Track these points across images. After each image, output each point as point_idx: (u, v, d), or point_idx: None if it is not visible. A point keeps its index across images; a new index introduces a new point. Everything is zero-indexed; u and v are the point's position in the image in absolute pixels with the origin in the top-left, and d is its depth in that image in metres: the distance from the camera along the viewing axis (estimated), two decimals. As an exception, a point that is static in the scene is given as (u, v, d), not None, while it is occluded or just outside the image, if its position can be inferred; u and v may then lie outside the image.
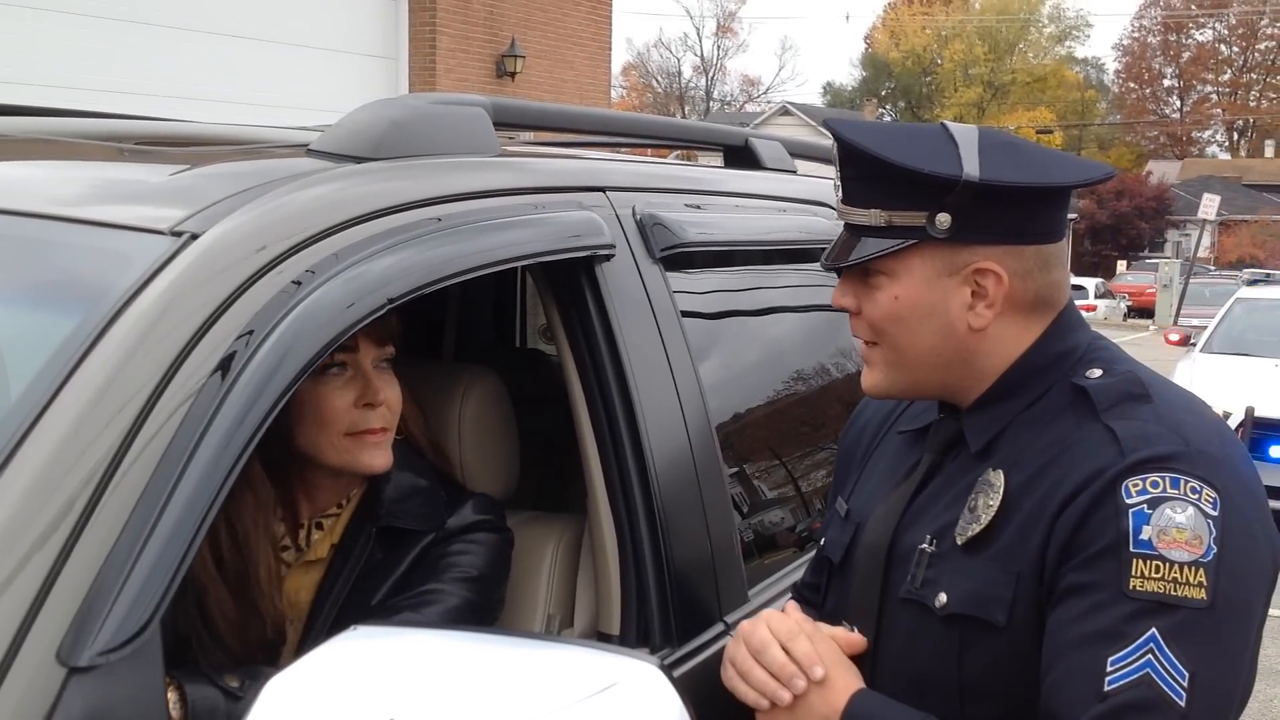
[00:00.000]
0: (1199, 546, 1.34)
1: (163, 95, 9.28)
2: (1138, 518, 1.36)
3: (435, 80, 12.32)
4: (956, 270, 1.51)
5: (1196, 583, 1.33)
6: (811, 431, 2.75)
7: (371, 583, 1.89)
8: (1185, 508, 1.35)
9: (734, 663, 1.60)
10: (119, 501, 1.22)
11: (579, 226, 1.92)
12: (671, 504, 1.93)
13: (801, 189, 2.81)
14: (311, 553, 1.94)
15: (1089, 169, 1.57)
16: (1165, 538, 1.34)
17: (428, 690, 1.23)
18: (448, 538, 1.92)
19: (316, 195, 1.58)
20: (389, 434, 1.93)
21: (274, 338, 1.39)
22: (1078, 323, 1.59)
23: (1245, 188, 54.85)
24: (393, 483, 1.96)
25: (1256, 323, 10.87)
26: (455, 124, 1.89)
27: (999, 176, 1.47)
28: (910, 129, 1.59)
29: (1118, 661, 1.32)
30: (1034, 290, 1.53)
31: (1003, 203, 1.49)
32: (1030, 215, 1.52)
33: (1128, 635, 1.32)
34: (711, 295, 2.39)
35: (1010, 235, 1.50)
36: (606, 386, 1.92)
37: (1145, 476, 1.37)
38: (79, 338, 1.31)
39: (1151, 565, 1.34)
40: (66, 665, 1.14)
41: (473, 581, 1.88)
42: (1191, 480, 1.37)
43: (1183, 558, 1.33)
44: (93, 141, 2.16)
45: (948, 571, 1.50)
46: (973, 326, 1.53)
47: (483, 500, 1.99)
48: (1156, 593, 1.33)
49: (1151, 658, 1.31)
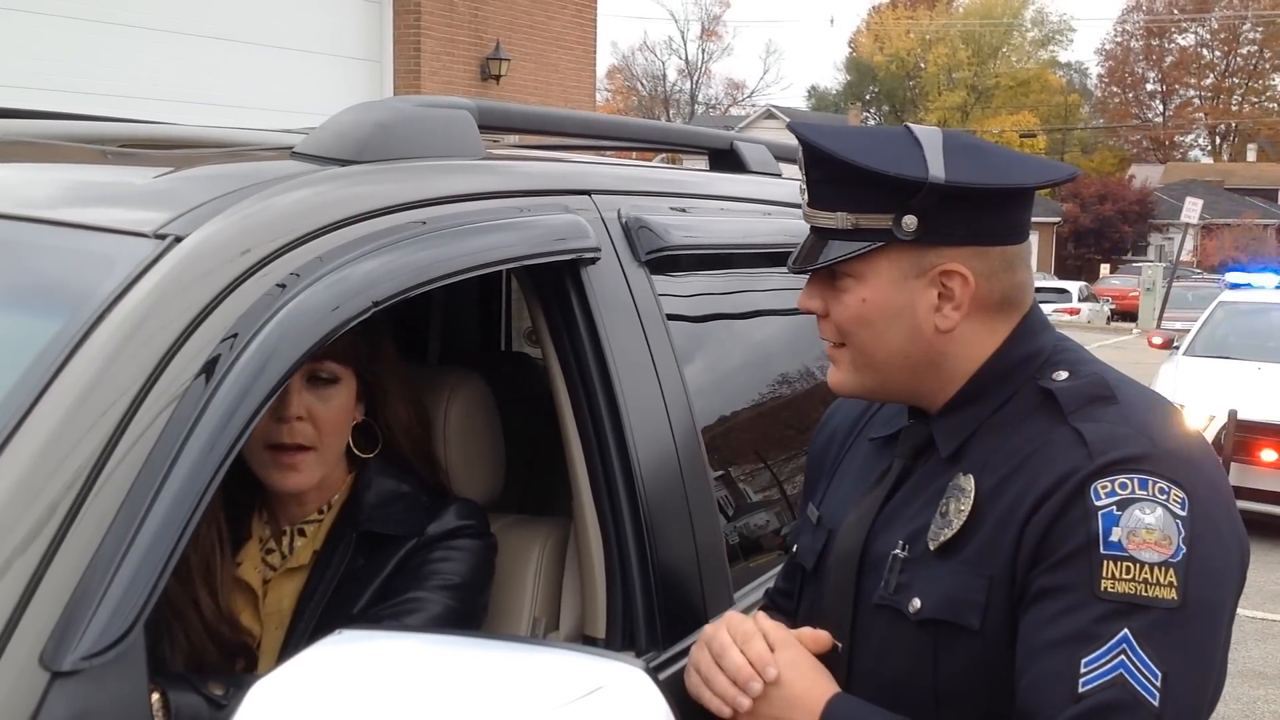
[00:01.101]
0: (1168, 547, 1.35)
1: (147, 98, 9.24)
2: (1107, 519, 1.36)
3: (420, 83, 12.30)
4: (923, 272, 1.52)
5: (1167, 583, 1.34)
6: (796, 434, 2.75)
7: (352, 589, 1.88)
8: (1154, 508, 1.36)
9: (698, 669, 1.59)
10: (103, 505, 1.22)
11: (564, 230, 1.92)
12: (657, 507, 1.93)
13: (786, 192, 2.82)
14: (294, 559, 1.94)
15: (1052, 169, 1.59)
16: (1135, 539, 1.35)
17: (414, 694, 1.23)
18: (429, 544, 1.91)
19: (301, 198, 1.58)
20: (308, 454, 1.90)
21: (258, 341, 1.39)
22: (1042, 325, 1.59)
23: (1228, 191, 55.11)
24: (373, 488, 1.96)
25: (1238, 326, 10.94)
26: (440, 127, 1.89)
27: (964, 178, 1.47)
28: (874, 132, 1.60)
29: (1091, 663, 1.33)
30: (1000, 291, 1.54)
31: (968, 204, 1.49)
32: (995, 216, 1.52)
33: (1100, 636, 1.33)
34: (697, 298, 2.39)
35: (976, 236, 1.51)
36: (592, 390, 1.92)
37: (1114, 478, 1.38)
38: (63, 340, 1.30)
39: (1122, 566, 1.34)
40: (50, 670, 1.13)
41: (455, 589, 1.88)
42: (1160, 481, 1.38)
43: (1153, 558, 1.34)
44: (77, 144, 2.16)
45: (920, 577, 1.50)
46: (939, 328, 1.53)
47: (465, 506, 1.98)
48: (1128, 594, 1.34)
49: (1124, 658, 1.32)
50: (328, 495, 1.97)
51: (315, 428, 1.91)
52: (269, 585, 1.94)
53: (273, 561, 1.95)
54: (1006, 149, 1.63)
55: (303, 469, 1.91)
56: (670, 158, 9.58)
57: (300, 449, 1.89)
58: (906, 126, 1.56)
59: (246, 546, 1.97)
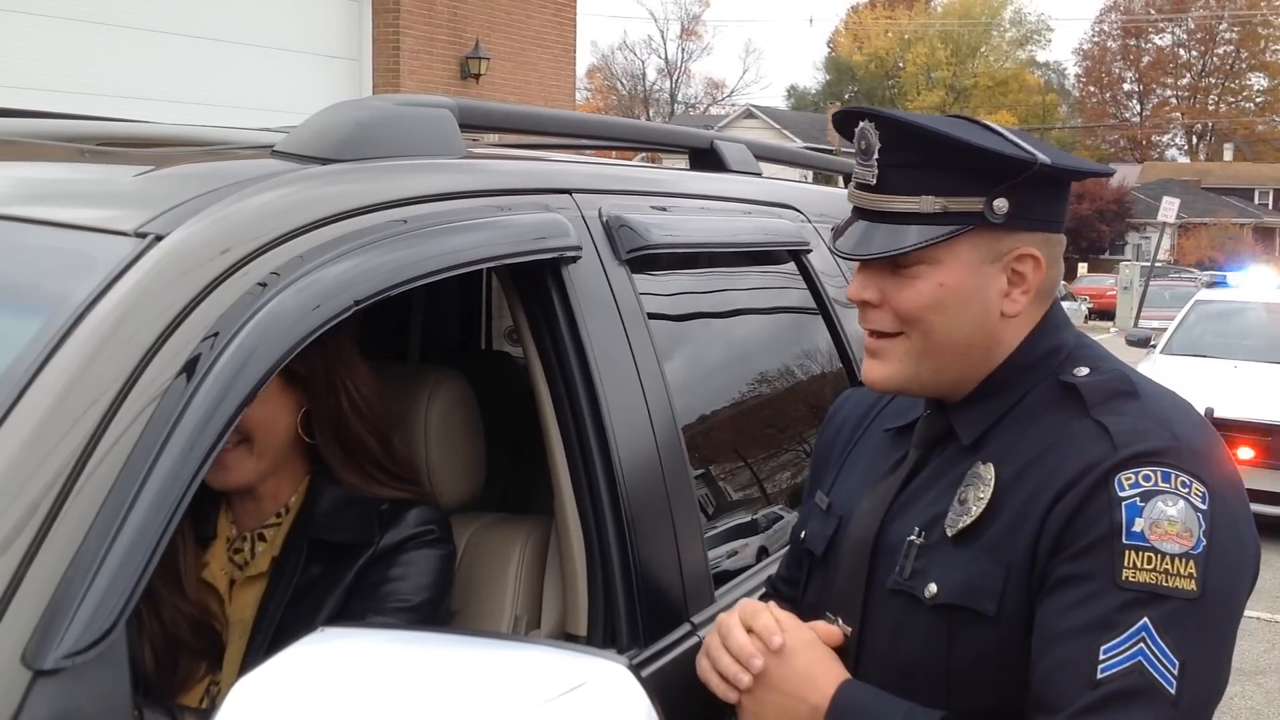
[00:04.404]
0: (1189, 539, 1.37)
1: (126, 96, 9.21)
2: (1130, 510, 1.38)
3: (399, 82, 12.28)
4: (1000, 257, 1.52)
5: (1187, 574, 1.36)
6: (777, 433, 2.76)
7: (310, 599, 1.85)
8: (1176, 501, 1.38)
9: (707, 651, 1.61)
10: (84, 504, 1.21)
11: (545, 228, 1.93)
12: (638, 505, 1.94)
13: (766, 191, 2.83)
14: (254, 566, 1.91)
15: (1093, 163, 1.67)
16: (1157, 530, 1.37)
17: (396, 691, 1.23)
18: (384, 556, 1.87)
19: (281, 197, 1.57)
20: (235, 451, 1.86)
21: (239, 340, 1.38)
22: (1064, 321, 1.61)
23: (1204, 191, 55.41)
24: (327, 494, 1.92)
25: (1215, 325, 11.01)
26: (421, 126, 1.89)
27: (1064, 162, 1.51)
28: (942, 118, 1.59)
29: (1110, 650, 1.34)
30: (1054, 279, 1.58)
31: (1054, 188, 1.53)
32: (1064, 205, 1.57)
33: (1120, 624, 1.35)
34: (677, 297, 2.40)
35: (1050, 222, 1.55)
36: (573, 388, 1.92)
37: (1138, 470, 1.40)
38: (43, 340, 1.30)
39: (1144, 556, 1.36)
40: (32, 668, 1.13)
41: (414, 609, 1.84)
42: (1182, 475, 1.40)
43: (1174, 550, 1.36)
44: (56, 143, 2.15)
45: (937, 562, 1.51)
46: (1006, 313, 1.54)
47: (424, 511, 1.93)
48: (1149, 583, 1.36)
49: (1144, 646, 1.34)
50: (284, 498, 1.94)
51: (244, 428, 1.86)
52: (234, 590, 1.91)
53: (239, 562, 1.92)
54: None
55: (231, 466, 1.86)
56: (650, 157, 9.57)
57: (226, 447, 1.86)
58: (960, 115, 1.59)
59: (213, 546, 1.94)
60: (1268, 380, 9.52)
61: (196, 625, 1.87)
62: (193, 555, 1.92)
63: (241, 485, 1.90)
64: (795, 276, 2.77)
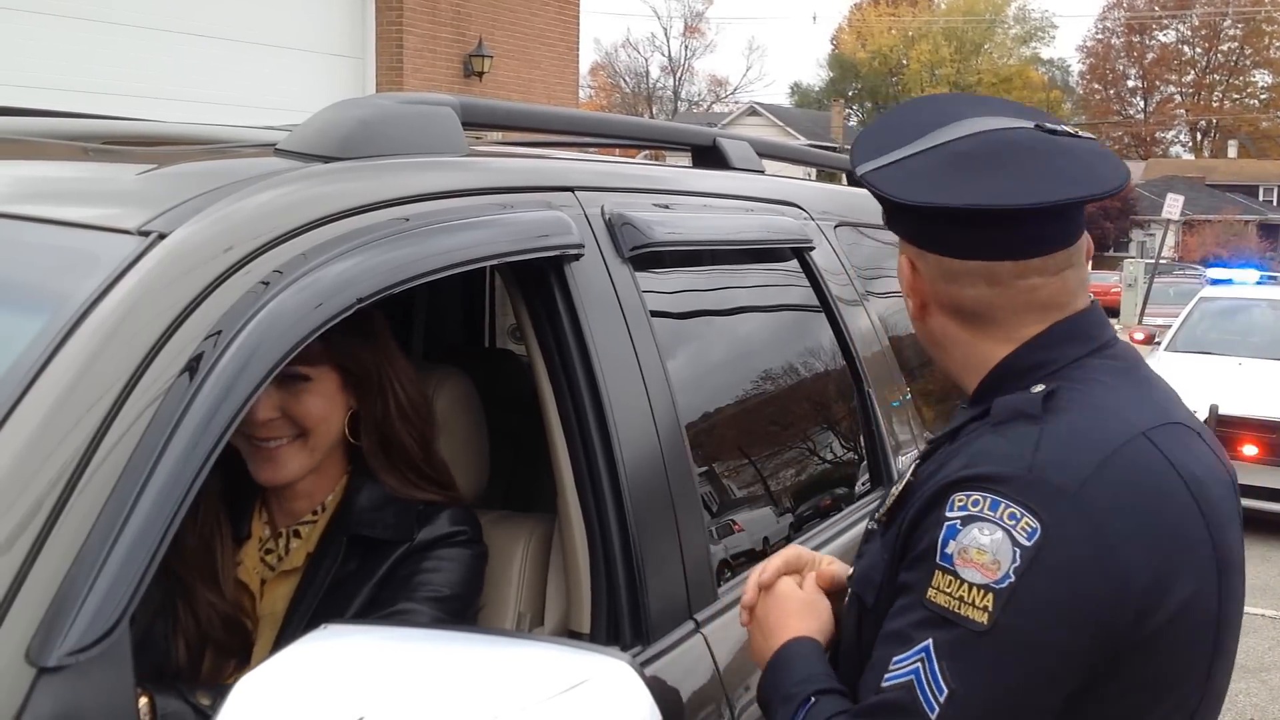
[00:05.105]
0: (995, 571, 1.33)
1: (130, 95, 9.22)
2: (949, 531, 1.37)
3: (402, 80, 12.28)
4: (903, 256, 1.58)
5: (981, 606, 1.33)
6: (780, 430, 2.76)
7: (344, 593, 1.87)
8: (994, 531, 1.34)
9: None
10: (87, 502, 1.22)
11: (547, 226, 1.93)
12: (641, 502, 1.94)
13: (769, 188, 2.83)
14: (288, 561, 1.93)
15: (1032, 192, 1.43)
16: (964, 556, 1.35)
17: (398, 688, 1.23)
18: (420, 551, 1.90)
19: (284, 195, 1.58)
20: (289, 445, 1.89)
21: (242, 338, 1.39)
22: (1066, 338, 1.51)
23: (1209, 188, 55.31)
24: (366, 491, 1.94)
25: (1219, 322, 10.99)
26: (423, 124, 1.89)
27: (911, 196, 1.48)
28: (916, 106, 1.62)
29: (898, 661, 1.37)
30: (947, 296, 1.52)
31: (903, 212, 1.53)
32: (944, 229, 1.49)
33: (911, 640, 1.37)
34: (680, 295, 2.40)
35: (916, 241, 1.55)
36: (576, 386, 1.92)
37: (969, 493, 1.38)
38: (46, 338, 1.30)
39: (947, 579, 1.36)
40: (36, 665, 1.13)
41: (444, 600, 1.86)
42: (1013, 506, 1.35)
43: (974, 578, 1.34)
44: (59, 141, 2.15)
45: (866, 550, 1.58)
46: (910, 313, 1.60)
47: (458, 513, 1.96)
48: (943, 606, 1.35)
49: (919, 666, 1.35)
50: (321, 496, 1.96)
51: (294, 423, 1.90)
52: (265, 587, 1.94)
53: (271, 562, 1.95)
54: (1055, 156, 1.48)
55: (282, 460, 1.89)
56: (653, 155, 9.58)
57: (280, 441, 1.89)
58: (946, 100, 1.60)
59: (247, 546, 1.97)
60: (1272, 377, 9.50)
61: (229, 622, 1.90)
62: (230, 554, 1.94)
63: (292, 480, 1.92)
64: (798, 274, 2.77)
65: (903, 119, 1.58)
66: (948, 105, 1.58)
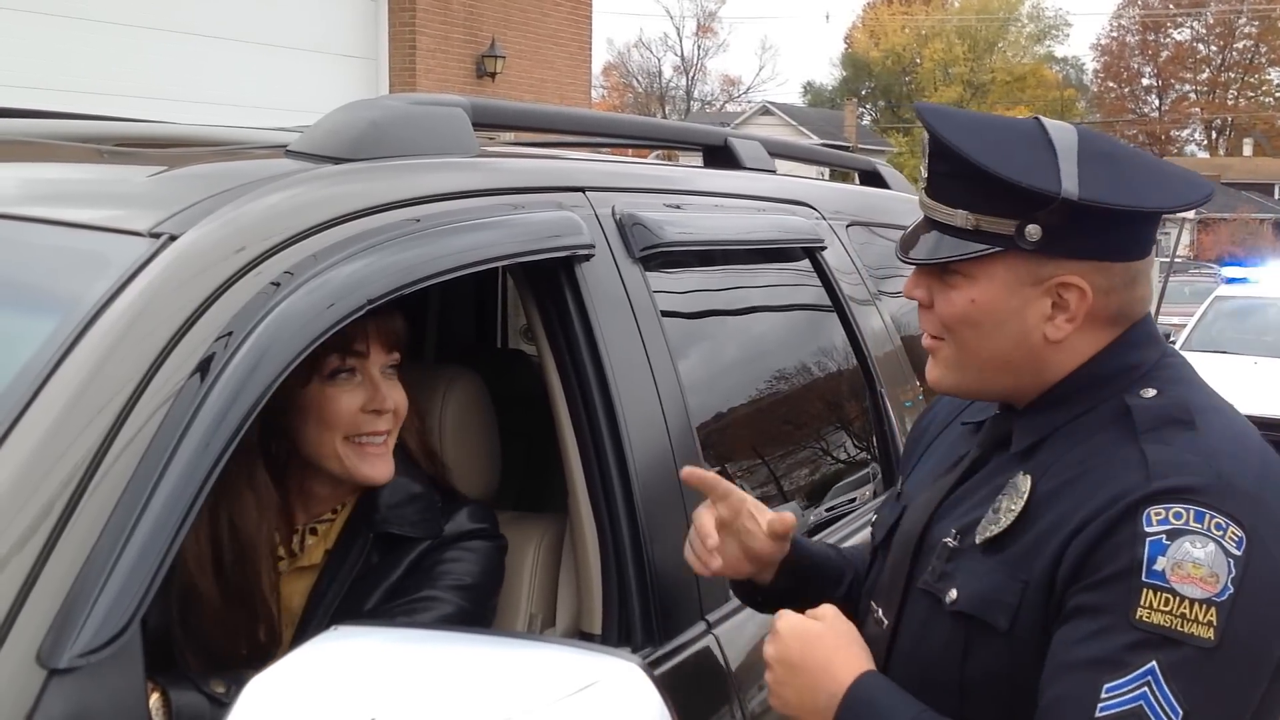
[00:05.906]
0: (1214, 585, 1.30)
1: (141, 96, 9.24)
2: (1154, 547, 1.32)
3: (415, 81, 12.30)
4: (1040, 281, 1.47)
5: (1206, 621, 1.29)
6: (791, 430, 2.76)
7: (365, 588, 1.88)
8: (1206, 543, 1.31)
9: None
10: (99, 503, 1.22)
11: (558, 226, 1.93)
12: (652, 503, 1.94)
13: (780, 188, 2.82)
14: (305, 558, 1.93)
15: (1189, 190, 1.49)
16: (1179, 571, 1.30)
17: (409, 689, 1.23)
18: (443, 545, 1.91)
19: (295, 196, 1.58)
20: (392, 442, 1.92)
21: (253, 339, 1.39)
22: (1148, 338, 1.52)
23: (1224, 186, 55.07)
24: (389, 488, 1.94)
25: (1234, 321, 10.95)
26: (434, 125, 1.89)
27: (1098, 195, 1.41)
28: (1007, 125, 1.53)
29: (1113, 689, 1.29)
30: (1116, 306, 1.49)
31: (1098, 220, 1.44)
32: (1124, 233, 1.47)
33: (1128, 664, 1.30)
34: (691, 295, 2.40)
35: (1100, 252, 1.46)
36: (587, 386, 1.92)
37: (1169, 506, 1.33)
38: (58, 339, 1.30)
39: (1161, 597, 1.30)
40: (47, 667, 1.14)
41: (467, 589, 1.87)
42: (1217, 516, 1.32)
43: (1195, 594, 1.30)
44: (71, 143, 2.16)
45: (963, 569, 1.48)
46: (1049, 338, 1.48)
47: (477, 509, 1.98)
48: (1162, 626, 1.30)
49: (1147, 690, 1.28)
50: (344, 494, 1.96)
51: (396, 416, 1.92)
52: (280, 582, 1.93)
53: (280, 564, 1.94)
54: (1143, 156, 1.54)
55: (388, 458, 1.91)
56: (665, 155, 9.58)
57: (388, 438, 1.91)
58: (1039, 121, 1.50)
59: None
60: (1287, 376, 9.46)
61: (240, 623, 1.89)
62: (272, 564, 1.93)
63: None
64: (810, 274, 2.77)
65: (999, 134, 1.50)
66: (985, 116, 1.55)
